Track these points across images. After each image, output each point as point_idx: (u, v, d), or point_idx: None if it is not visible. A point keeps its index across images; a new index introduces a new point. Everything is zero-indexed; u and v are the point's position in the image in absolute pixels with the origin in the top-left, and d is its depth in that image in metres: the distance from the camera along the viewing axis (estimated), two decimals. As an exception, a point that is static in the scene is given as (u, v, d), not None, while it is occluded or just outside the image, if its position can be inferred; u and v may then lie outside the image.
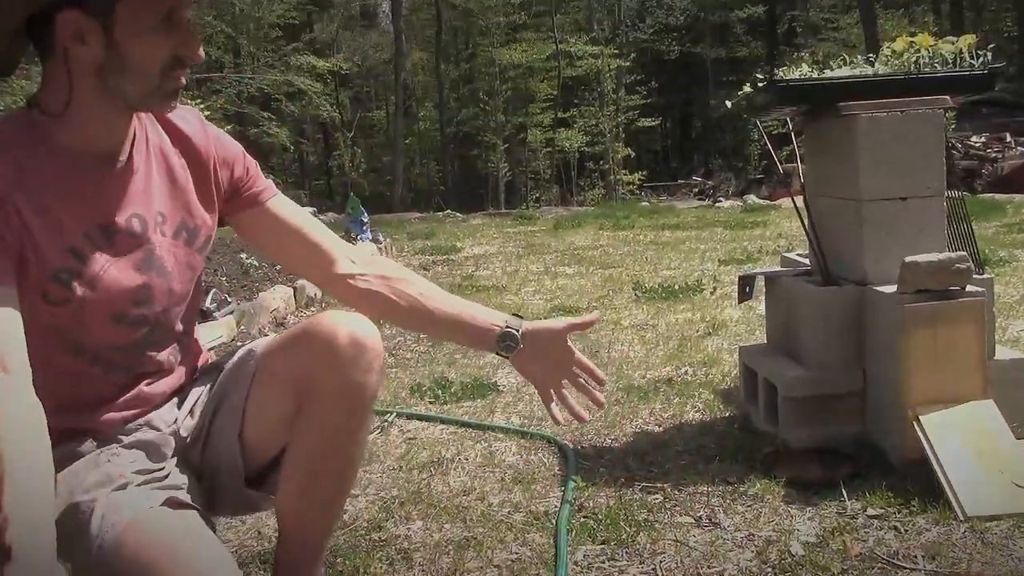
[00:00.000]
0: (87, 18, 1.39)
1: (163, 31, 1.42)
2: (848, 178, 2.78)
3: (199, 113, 1.73)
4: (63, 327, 1.49)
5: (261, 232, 1.75)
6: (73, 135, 1.48)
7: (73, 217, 1.47)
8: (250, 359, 1.71)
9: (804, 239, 3.24)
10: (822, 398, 2.79)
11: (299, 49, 25.33)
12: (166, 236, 1.59)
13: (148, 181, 1.58)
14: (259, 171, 1.75)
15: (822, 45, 27.49)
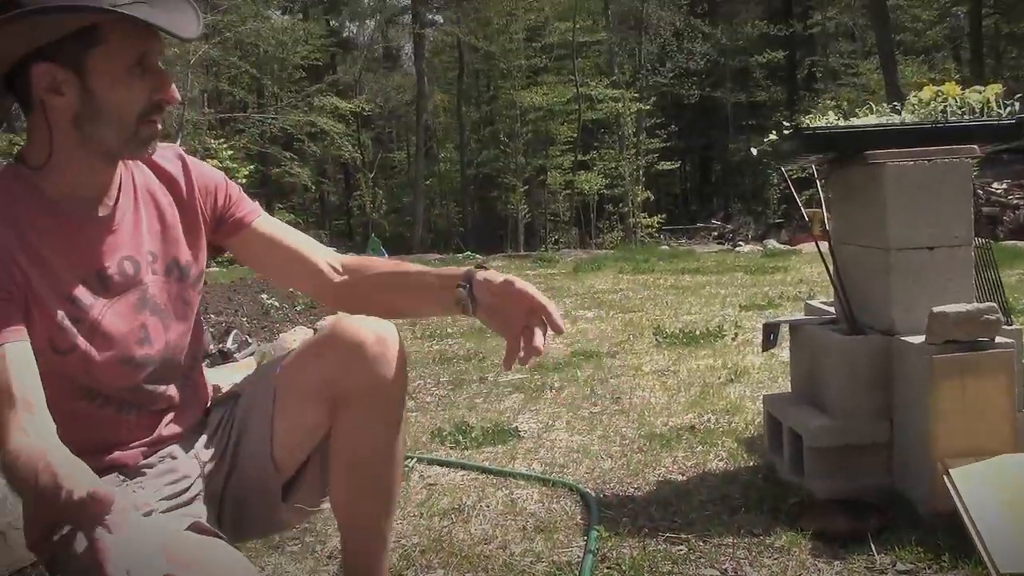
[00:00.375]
0: (61, 69, 1.41)
1: (137, 76, 1.45)
2: (875, 226, 2.77)
3: (179, 149, 1.76)
4: (73, 374, 1.51)
5: (251, 253, 1.79)
6: (58, 185, 1.50)
7: (68, 266, 1.50)
8: (267, 379, 1.75)
9: (826, 285, 3.22)
10: (848, 448, 2.75)
11: (322, 90, 25.63)
12: (158, 275, 1.63)
13: (137, 223, 1.60)
14: (242, 195, 1.78)
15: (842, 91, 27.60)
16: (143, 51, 1.44)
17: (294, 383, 1.70)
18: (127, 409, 1.61)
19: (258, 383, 1.77)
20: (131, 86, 1.44)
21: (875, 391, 2.74)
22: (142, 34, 1.43)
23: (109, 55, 1.42)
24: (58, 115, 1.45)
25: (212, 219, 1.73)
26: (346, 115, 25.89)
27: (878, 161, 2.70)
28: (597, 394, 4.34)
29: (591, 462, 3.27)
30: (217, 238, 1.75)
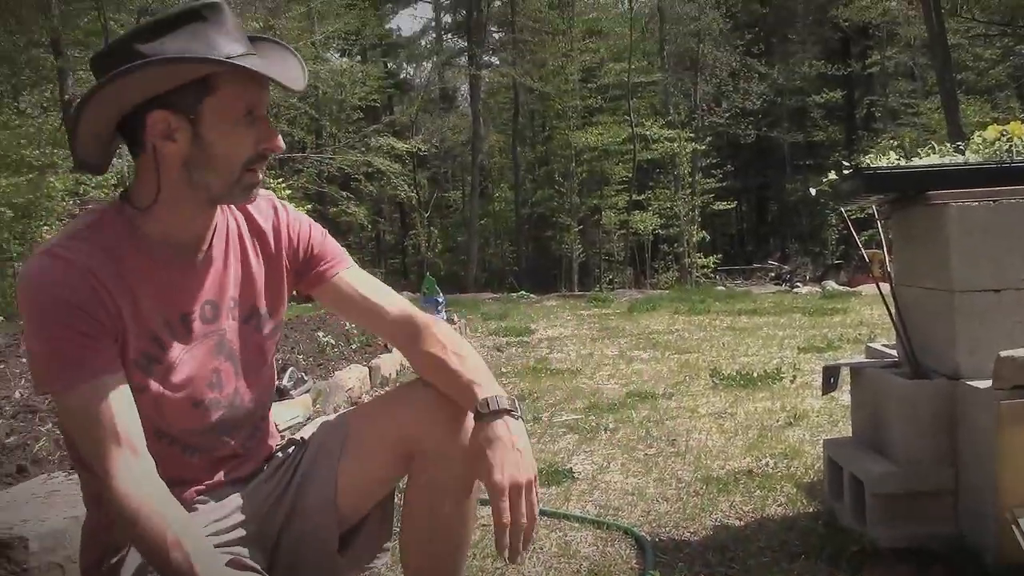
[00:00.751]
0: (175, 116, 1.47)
1: (245, 125, 1.50)
2: (938, 268, 2.71)
3: (273, 197, 1.79)
4: (144, 412, 1.54)
5: (331, 304, 1.82)
6: (159, 227, 1.55)
7: (156, 305, 1.55)
8: (338, 430, 1.76)
9: (887, 327, 3.16)
10: (912, 495, 2.68)
11: (379, 130, 25.98)
12: (236, 321, 1.67)
13: (225, 269, 1.65)
14: (326, 245, 1.80)
15: (902, 130, 27.27)
16: (253, 102, 1.50)
17: (368, 434, 1.72)
18: (191, 452, 1.64)
19: (327, 432, 1.78)
20: (240, 135, 1.50)
21: (939, 437, 2.66)
22: (252, 85, 1.49)
23: (221, 105, 1.48)
24: (168, 160, 1.50)
25: (295, 269, 1.77)
26: (402, 155, 26.16)
27: (941, 202, 2.64)
28: (652, 436, 4.29)
29: (646, 505, 3.22)
30: (301, 287, 1.79)
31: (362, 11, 28.19)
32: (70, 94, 16.35)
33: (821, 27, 34.86)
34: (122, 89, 1.43)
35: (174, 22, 1.45)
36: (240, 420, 1.70)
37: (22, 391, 4.60)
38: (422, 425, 1.67)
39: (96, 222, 1.54)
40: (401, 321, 1.77)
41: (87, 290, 1.46)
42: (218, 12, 1.47)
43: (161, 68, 1.42)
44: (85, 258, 1.47)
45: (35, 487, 2.71)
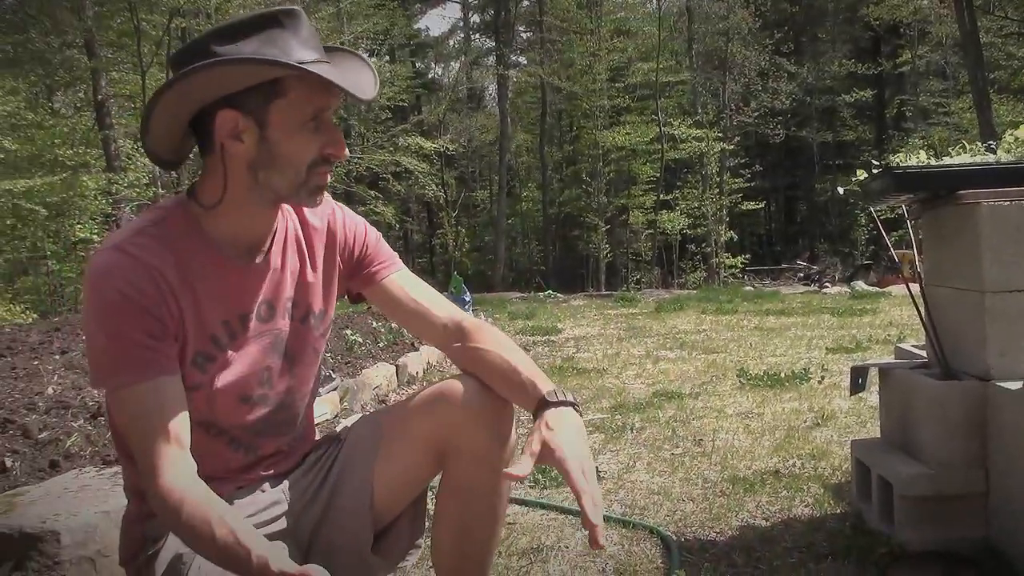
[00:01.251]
0: (244, 117, 1.49)
1: (311, 130, 1.52)
2: (969, 268, 2.68)
3: (329, 198, 1.79)
4: (195, 407, 1.57)
5: (381, 304, 1.84)
6: (223, 227, 1.58)
7: (217, 305, 1.58)
8: (374, 429, 1.77)
9: (916, 328, 3.13)
10: (941, 498, 2.65)
11: (407, 130, 26.05)
12: (294, 320, 1.69)
13: (283, 270, 1.67)
14: (379, 246, 1.83)
15: (933, 130, 27.04)
16: (320, 107, 1.52)
17: (403, 433, 1.73)
18: (236, 445, 1.67)
19: (363, 430, 1.80)
20: (305, 139, 1.52)
21: (970, 439, 2.64)
22: (320, 91, 1.50)
23: (289, 108, 1.50)
24: (236, 160, 1.53)
25: (347, 269, 1.79)
26: (430, 155, 26.25)
27: (972, 201, 2.62)
28: (679, 435, 4.28)
29: (672, 504, 3.22)
30: (352, 286, 1.82)
31: (391, 11, 28.32)
32: (103, 94, 16.52)
33: (851, 26, 34.64)
34: (194, 85, 1.46)
35: (251, 26, 1.48)
36: (289, 418, 1.73)
37: (55, 387, 4.66)
38: (459, 424, 1.67)
39: (162, 219, 1.56)
40: (451, 325, 1.77)
41: (154, 291, 1.48)
42: (295, 19, 1.51)
43: (233, 68, 1.44)
44: (153, 257, 1.50)
45: (67, 481, 2.74)
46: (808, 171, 35.53)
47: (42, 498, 2.51)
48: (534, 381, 1.64)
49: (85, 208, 16.77)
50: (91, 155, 17.58)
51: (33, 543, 2.20)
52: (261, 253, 1.64)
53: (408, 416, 1.75)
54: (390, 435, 1.74)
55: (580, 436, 1.55)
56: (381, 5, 26.95)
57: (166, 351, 1.50)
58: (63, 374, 5.10)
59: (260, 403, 1.66)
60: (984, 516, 2.64)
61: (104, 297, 1.46)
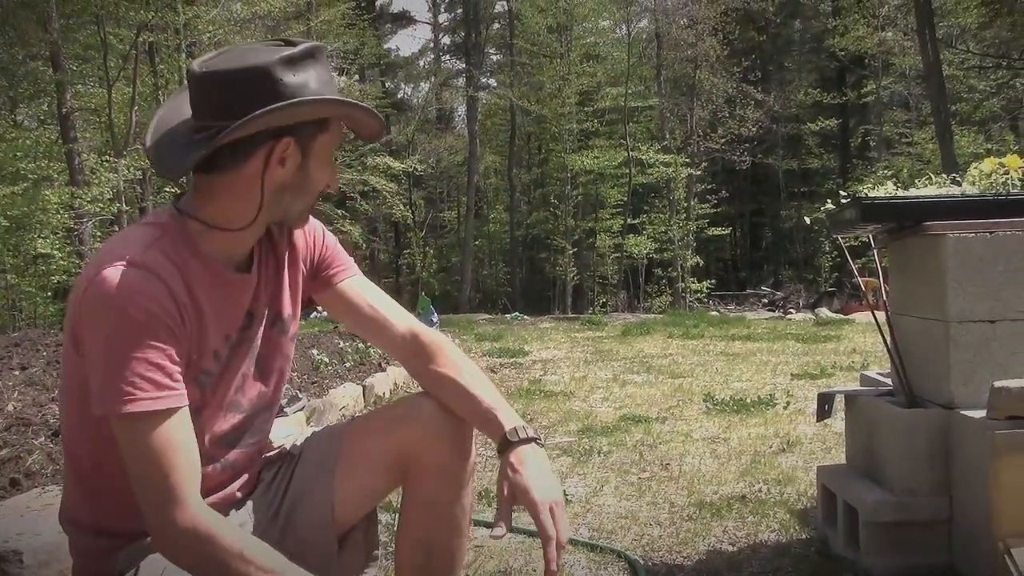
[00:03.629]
0: (295, 145, 1.53)
1: (330, 163, 1.60)
2: (934, 298, 2.73)
3: None
4: None
5: (336, 310, 1.84)
6: (220, 244, 1.57)
7: (218, 320, 1.57)
8: (332, 444, 1.77)
9: (880, 355, 3.17)
10: (906, 525, 2.68)
11: (375, 150, 25.97)
12: (264, 326, 1.69)
13: (260, 279, 1.68)
14: (337, 251, 1.83)
15: (896, 160, 27.43)
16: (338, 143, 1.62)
17: (365, 450, 1.74)
18: (221, 467, 1.66)
19: (320, 446, 1.79)
20: (328, 170, 1.61)
21: (934, 466, 2.68)
22: (341, 129, 1.60)
23: (327, 142, 1.58)
24: (272, 185, 1.55)
25: (309, 271, 1.80)
26: (398, 174, 26.24)
27: (939, 232, 2.67)
28: (646, 460, 4.29)
29: (639, 529, 3.23)
30: (308, 288, 1.81)
31: (361, 31, 28.32)
32: (68, 107, 16.35)
33: (817, 56, 35.12)
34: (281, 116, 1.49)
35: (303, 57, 1.53)
36: (258, 426, 1.71)
37: (15, 404, 4.59)
38: (421, 441, 1.68)
39: (163, 237, 1.52)
40: (408, 337, 1.79)
41: (174, 309, 1.45)
42: (323, 53, 1.59)
43: (319, 105, 1.52)
44: (167, 273, 1.46)
45: (30, 500, 2.70)
46: (774, 198, 35.86)
47: (4, 516, 2.48)
48: (495, 415, 1.68)
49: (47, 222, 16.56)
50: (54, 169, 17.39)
51: (-5, 562, 2.17)
52: (250, 267, 1.65)
53: (369, 432, 1.76)
54: (350, 451, 1.74)
55: (545, 472, 1.61)
56: (352, 24, 26.96)
57: (181, 376, 1.46)
58: (23, 390, 5.02)
59: (234, 410, 1.65)
60: (948, 543, 2.67)
61: (128, 316, 1.40)
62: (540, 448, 1.65)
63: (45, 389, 5.11)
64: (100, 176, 15.47)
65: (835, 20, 30.12)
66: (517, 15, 31.30)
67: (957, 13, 23.05)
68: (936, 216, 2.71)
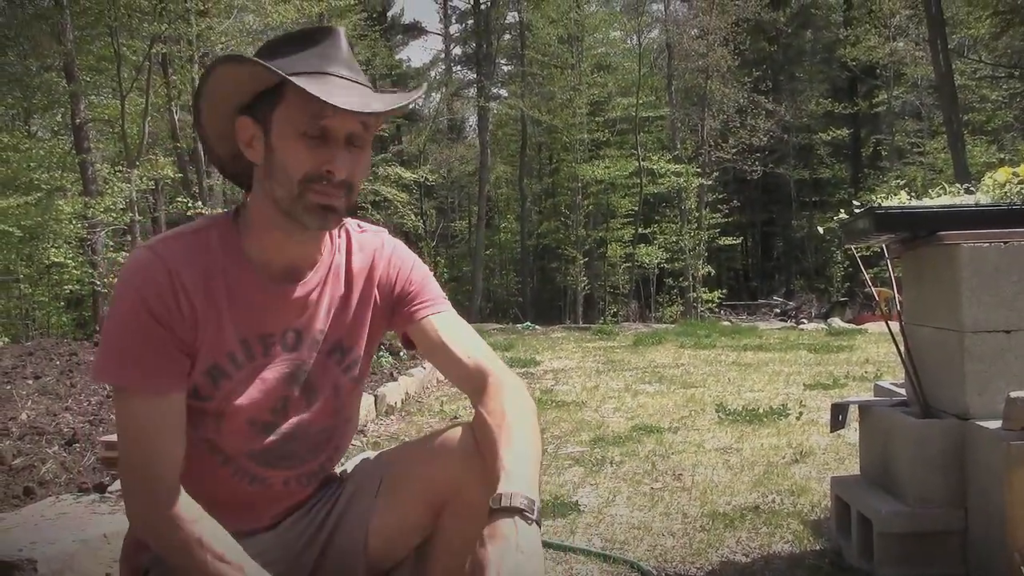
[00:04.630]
0: (255, 124, 1.52)
1: (308, 141, 1.49)
2: (949, 308, 2.72)
3: (384, 233, 1.79)
4: (203, 422, 1.56)
5: (418, 345, 1.75)
6: (258, 250, 1.59)
7: (238, 323, 1.57)
8: (376, 472, 1.74)
9: (893, 365, 3.16)
10: (920, 536, 2.67)
11: (387, 160, 26.05)
12: (320, 353, 1.65)
13: (319, 301, 1.65)
14: (424, 286, 1.76)
15: (908, 169, 27.34)
16: (315, 116, 1.48)
17: (405, 480, 1.69)
18: (241, 475, 1.64)
19: (365, 472, 1.77)
20: (300, 148, 1.49)
21: (949, 477, 2.66)
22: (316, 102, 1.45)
23: (287, 115, 1.50)
24: (255, 171, 1.56)
25: (387, 307, 1.74)
26: (410, 185, 26.27)
27: (953, 242, 2.66)
28: (658, 470, 4.28)
29: (652, 539, 3.22)
30: (392, 324, 1.76)
31: (373, 41, 28.42)
32: (81, 118, 16.44)
33: (828, 66, 35.06)
34: (212, 87, 1.51)
35: (289, 40, 1.54)
36: (296, 451, 1.67)
37: (29, 413, 4.61)
38: (459, 476, 1.62)
39: (204, 228, 1.58)
40: (473, 372, 1.68)
41: (169, 295, 1.49)
42: (328, 35, 1.55)
43: (226, 67, 1.49)
44: (178, 261, 1.51)
45: (44, 509, 2.71)
46: (785, 207, 35.79)
47: (18, 525, 2.48)
48: (500, 473, 1.47)
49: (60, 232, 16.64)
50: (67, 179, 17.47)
51: (9, 572, 2.17)
52: (298, 282, 1.62)
53: (411, 462, 1.71)
54: (391, 481, 1.70)
55: (509, 552, 1.35)
56: (364, 35, 27.05)
57: (176, 365, 1.50)
58: (37, 399, 5.04)
59: (268, 431, 1.63)
60: (963, 554, 2.66)
61: (126, 294, 1.49)
62: (527, 524, 1.39)
63: (59, 398, 5.13)
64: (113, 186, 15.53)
65: (846, 30, 30.07)
66: (528, 26, 31.34)
67: (969, 23, 22.98)
68: (951, 226, 2.70)
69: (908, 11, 26.48)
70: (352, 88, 1.51)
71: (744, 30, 29.09)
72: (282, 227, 1.56)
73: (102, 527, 2.41)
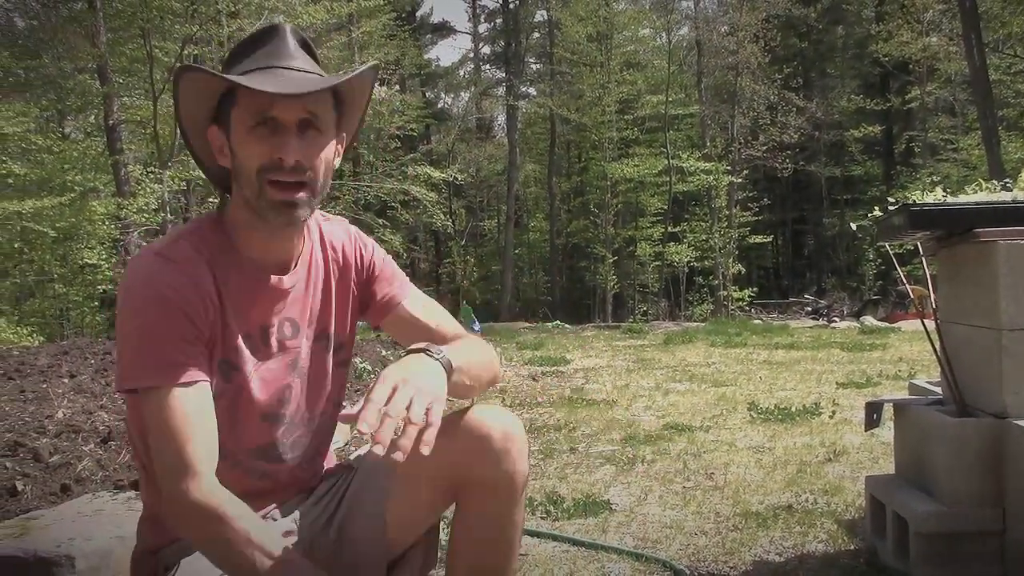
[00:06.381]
0: (220, 131, 1.57)
1: (258, 135, 1.52)
2: (986, 306, 2.68)
3: (347, 224, 1.83)
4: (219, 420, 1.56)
5: (396, 333, 1.83)
6: (247, 245, 1.62)
7: (240, 317, 1.60)
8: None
9: (927, 364, 3.13)
10: (957, 536, 2.64)
11: (416, 159, 26.14)
12: (310, 340, 1.71)
13: (307, 291, 1.70)
14: (394, 274, 1.83)
15: (941, 166, 27.07)
16: (261, 109, 1.51)
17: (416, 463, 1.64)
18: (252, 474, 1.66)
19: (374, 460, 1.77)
20: (251, 142, 1.52)
21: (986, 477, 2.63)
22: (261, 95, 1.49)
23: (240, 114, 1.53)
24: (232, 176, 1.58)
25: (361, 297, 1.79)
26: (439, 184, 26.33)
27: (990, 239, 2.62)
28: (690, 469, 4.26)
29: (685, 538, 3.20)
30: (367, 317, 1.81)
31: (402, 41, 28.56)
32: (114, 119, 16.63)
33: (860, 62, 34.80)
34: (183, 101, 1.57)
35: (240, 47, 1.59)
36: (298, 441, 1.71)
37: (65, 411, 4.66)
38: (472, 455, 1.65)
39: (198, 229, 1.61)
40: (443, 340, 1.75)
41: (194, 295, 1.51)
42: (271, 34, 1.59)
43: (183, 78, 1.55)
44: (190, 263, 1.53)
45: (81, 506, 2.74)
46: (816, 205, 35.58)
47: (56, 522, 2.51)
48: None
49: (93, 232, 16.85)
50: (100, 180, 17.68)
51: (48, 568, 2.20)
52: (286, 274, 1.66)
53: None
54: (403, 466, 1.71)
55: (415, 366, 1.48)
56: (392, 35, 27.17)
57: (200, 356, 1.51)
58: (72, 398, 5.10)
59: (278, 423, 1.66)
60: (1000, 554, 2.62)
61: (143, 298, 1.49)
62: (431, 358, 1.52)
63: (94, 396, 5.19)
64: (145, 187, 15.71)
65: (878, 25, 29.85)
66: (557, 24, 31.36)
67: (1004, 17, 22.71)
68: (987, 223, 2.66)
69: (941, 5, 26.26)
70: (297, 76, 1.54)
71: (774, 26, 28.95)
72: (256, 227, 1.59)
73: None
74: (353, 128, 1.69)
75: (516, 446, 1.67)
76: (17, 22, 19.50)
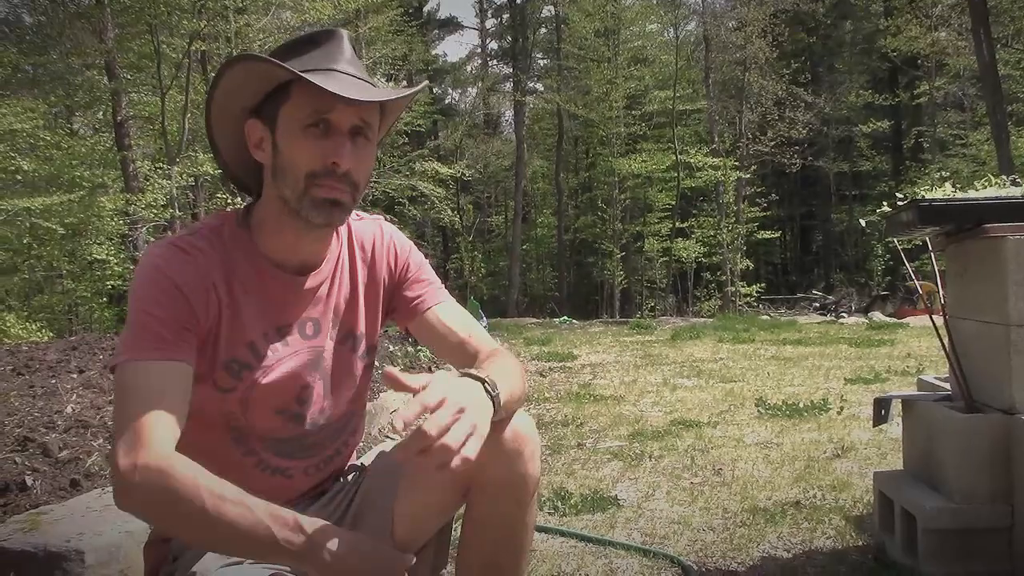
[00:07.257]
0: (262, 125, 1.54)
1: (313, 136, 1.51)
2: (995, 302, 2.68)
3: (381, 221, 1.81)
4: (229, 412, 1.58)
5: (421, 337, 1.80)
6: (270, 246, 1.61)
7: (257, 316, 1.59)
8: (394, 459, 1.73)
9: (935, 360, 3.12)
10: (966, 532, 2.63)
11: (424, 155, 26.11)
12: (334, 340, 1.69)
13: (331, 291, 1.69)
14: (428, 277, 1.81)
15: (950, 162, 26.98)
16: (319, 110, 1.49)
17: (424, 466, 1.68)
18: (264, 467, 1.66)
19: (385, 461, 1.79)
20: (304, 143, 1.51)
21: (995, 473, 2.62)
22: (324, 96, 1.47)
23: (292, 111, 1.51)
24: (266, 172, 1.58)
25: (390, 297, 1.78)
26: (446, 180, 26.33)
27: (999, 235, 2.62)
28: (697, 464, 4.26)
29: (692, 534, 3.20)
30: (395, 318, 1.80)
31: (409, 37, 28.51)
32: (122, 115, 16.65)
33: (869, 57, 34.70)
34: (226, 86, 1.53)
35: (294, 44, 1.56)
36: (320, 441, 1.71)
37: (74, 406, 4.67)
38: (484, 461, 1.58)
39: (219, 226, 1.60)
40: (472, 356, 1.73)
41: (199, 284, 1.51)
42: (330, 37, 1.57)
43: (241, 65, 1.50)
44: (203, 256, 1.53)
45: (90, 501, 2.75)
46: (824, 201, 35.48)
47: (66, 517, 2.52)
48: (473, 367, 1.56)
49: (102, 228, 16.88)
50: (109, 176, 17.70)
51: (57, 562, 2.21)
52: (310, 275, 1.65)
53: None
54: (412, 467, 1.68)
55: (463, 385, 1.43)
56: (400, 31, 27.14)
57: (189, 342, 1.49)
58: (82, 393, 5.11)
59: (295, 420, 1.66)
60: (1009, 551, 2.62)
61: (149, 280, 1.49)
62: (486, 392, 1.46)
63: (103, 392, 5.20)
64: (154, 183, 15.73)
65: (887, 20, 29.69)
66: (564, 20, 31.32)
67: (1013, 12, 22.60)
68: (997, 218, 2.66)
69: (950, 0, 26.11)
70: (355, 83, 1.53)
71: (782, 21, 28.83)
72: (291, 227, 1.58)
73: (147, 519, 2.44)
74: (380, 137, 1.68)
75: (528, 447, 1.66)
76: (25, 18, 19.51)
